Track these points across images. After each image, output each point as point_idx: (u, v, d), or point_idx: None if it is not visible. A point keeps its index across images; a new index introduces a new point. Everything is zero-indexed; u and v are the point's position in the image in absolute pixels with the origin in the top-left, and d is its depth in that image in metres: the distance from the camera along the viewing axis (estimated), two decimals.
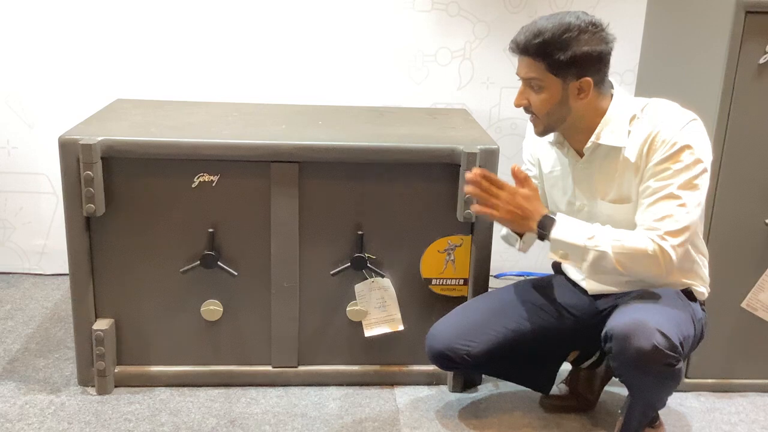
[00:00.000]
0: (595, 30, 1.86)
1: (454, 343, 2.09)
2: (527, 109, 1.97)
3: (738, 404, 2.40)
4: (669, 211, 1.85)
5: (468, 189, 1.95)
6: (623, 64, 2.76)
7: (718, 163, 2.20)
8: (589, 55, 1.86)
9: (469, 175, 1.94)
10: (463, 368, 2.26)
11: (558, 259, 1.96)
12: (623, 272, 1.89)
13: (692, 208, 1.86)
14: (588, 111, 1.95)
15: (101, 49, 2.92)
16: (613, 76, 2.00)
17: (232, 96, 2.93)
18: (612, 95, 1.98)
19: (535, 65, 1.88)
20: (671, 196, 1.86)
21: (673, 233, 1.85)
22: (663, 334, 1.81)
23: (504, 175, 2.27)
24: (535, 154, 2.18)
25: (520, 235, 2.09)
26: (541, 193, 2.16)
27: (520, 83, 1.97)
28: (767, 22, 2.11)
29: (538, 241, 2.20)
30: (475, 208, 1.96)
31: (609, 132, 1.95)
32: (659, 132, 1.89)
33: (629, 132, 1.94)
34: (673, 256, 1.86)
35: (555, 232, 1.92)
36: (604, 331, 1.91)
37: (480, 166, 2.21)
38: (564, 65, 1.86)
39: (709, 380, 2.44)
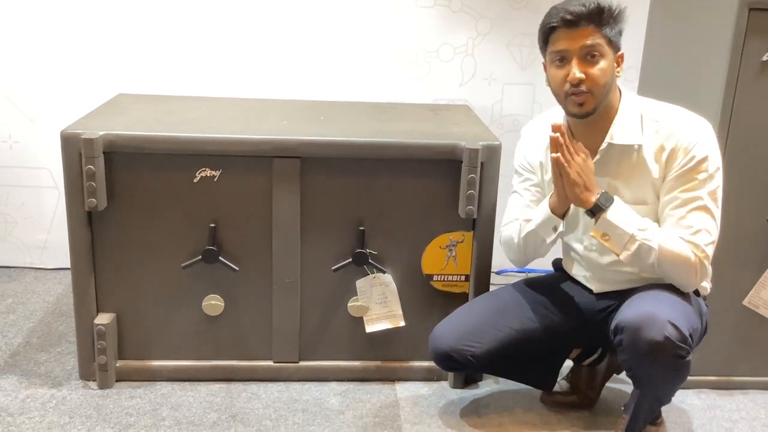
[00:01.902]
0: (624, 10, 1.93)
1: (459, 345, 2.09)
2: (577, 86, 1.90)
3: (739, 402, 2.40)
4: (702, 225, 1.91)
5: (553, 136, 1.90)
6: (626, 61, 2.74)
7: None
8: (622, 32, 1.94)
9: (556, 126, 1.90)
10: (467, 369, 2.27)
11: (598, 240, 1.94)
12: (657, 270, 1.92)
13: (718, 221, 1.94)
14: (612, 93, 1.96)
15: (103, 43, 2.92)
16: (620, 76, 2.00)
17: (234, 91, 2.93)
18: (620, 90, 2.00)
19: (598, 32, 1.89)
20: (702, 209, 1.91)
21: (708, 245, 1.93)
22: (674, 326, 1.82)
23: (505, 173, 2.28)
24: (535, 161, 2.14)
25: (562, 218, 2.03)
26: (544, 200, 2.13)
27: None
28: None
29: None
30: (558, 158, 1.90)
31: (621, 131, 1.96)
32: (680, 139, 1.92)
33: (642, 131, 1.95)
34: (708, 270, 1.97)
35: (611, 213, 1.92)
36: (614, 324, 1.91)
37: (482, 163, 2.22)
38: (616, 35, 1.92)
39: (711, 377, 2.44)
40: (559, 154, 1.90)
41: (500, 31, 2.98)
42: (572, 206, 2.02)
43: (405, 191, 2.29)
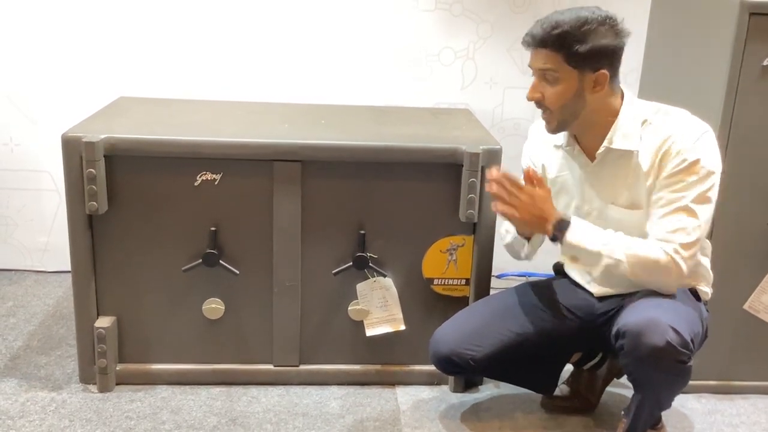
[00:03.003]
0: (612, 23, 1.89)
1: (459, 348, 2.09)
2: (540, 104, 1.96)
3: (739, 406, 2.40)
4: (682, 224, 1.88)
5: (491, 188, 1.95)
6: (626, 65, 2.72)
7: (721, 165, 2.20)
8: (606, 48, 1.88)
9: (491, 174, 1.95)
10: (467, 373, 2.27)
11: (568, 262, 1.97)
12: (633, 280, 1.93)
13: (704, 222, 1.90)
14: (602, 106, 1.96)
15: (105, 46, 2.93)
16: (602, 93, 1.99)
17: (235, 94, 2.93)
18: (623, 95, 1.99)
19: (553, 56, 1.88)
20: (685, 209, 1.89)
21: (686, 246, 1.88)
22: (676, 331, 1.81)
23: None
24: (539, 161, 2.16)
25: (528, 240, 2.09)
26: None
27: (529, 80, 1.97)
28: None
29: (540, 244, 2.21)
30: (498, 207, 1.95)
31: (621, 136, 1.96)
32: (674, 143, 1.90)
33: (641, 137, 1.95)
34: (684, 269, 1.90)
35: (570, 236, 1.94)
36: (615, 329, 1.91)
37: (483, 167, 2.22)
38: (582, 57, 1.87)
39: (711, 382, 2.43)
40: (499, 204, 1.94)
41: (501, 35, 2.98)
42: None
43: (406, 195, 2.29)
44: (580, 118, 1.96)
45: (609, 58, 1.90)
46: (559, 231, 1.94)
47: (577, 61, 1.88)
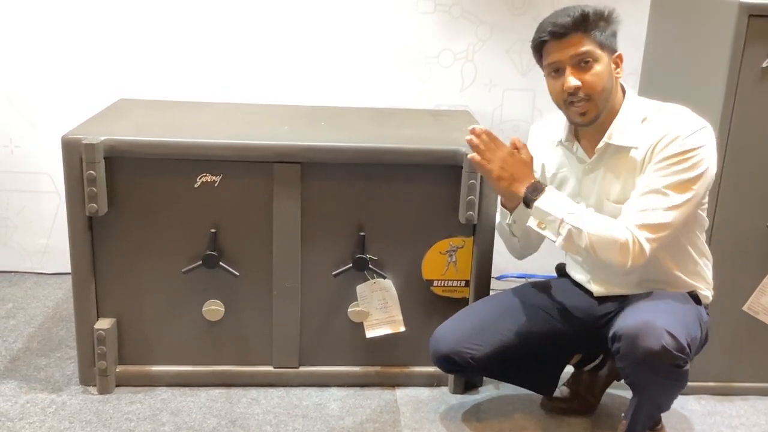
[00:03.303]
0: (612, 11, 1.95)
1: (459, 347, 2.09)
2: (576, 94, 1.92)
3: (739, 407, 2.40)
4: (653, 205, 1.88)
5: (468, 139, 1.99)
6: (626, 66, 2.75)
7: (720, 167, 2.20)
8: (616, 31, 1.95)
9: (473, 129, 1.99)
10: (467, 372, 2.27)
11: (535, 228, 1.97)
12: (594, 255, 1.92)
13: (678, 208, 1.88)
14: (614, 95, 1.98)
15: (104, 48, 2.93)
16: (621, 77, 2.01)
17: (234, 96, 2.94)
18: (624, 91, 2.02)
19: (588, 39, 1.90)
20: (659, 192, 1.89)
21: (651, 227, 1.88)
22: (671, 335, 1.81)
23: None
24: (538, 161, 2.15)
25: (510, 212, 2.09)
26: None
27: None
28: None
29: (541, 245, 2.22)
30: (473, 158, 1.99)
31: (620, 132, 1.97)
32: (666, 135, 1.91)
33: (640, 133, 1.96)
34: (646, 249, 1.88)
35: (540, 201, 1.95)
36: (612, 332, 1.91)
37: None
38: (606, 38, 1.92)
39: (710, 383, 2.44)
40: (474, 154, 1.98)
41: (500, 37, 2.99)
42: None
43: (405, 197, 2.29)
44: (605, 106, 1.97)
45: (616, 42, 1.96)
46: (531, 194, 1.96)
47: (603, 41, 1.92)
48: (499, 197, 2.12)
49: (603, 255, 1.92)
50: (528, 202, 1.97)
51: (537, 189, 1.97)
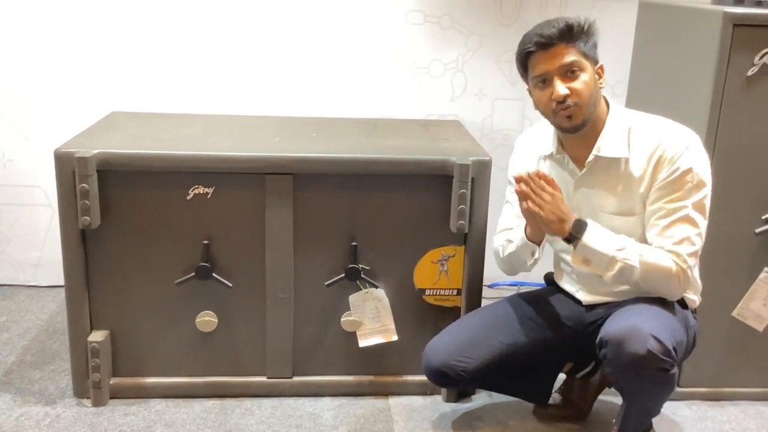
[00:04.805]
0: (593, 23, 1.98)
1: (450, 361, 2.10)
2: (564, 102, 1.94)
3: (729, 413, 2.42)
4: (685, 234, 1.94)
5: (520, 188, 1.96)
6: (613, 76, 2.78)
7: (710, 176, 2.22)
8: (597, 44, 1.99)
9: (520, 176, 1.97)
10: (460, 384, 2.28)
11: (579, 266, 1.98)
12: (643, 286, 1.96)
13: (703, 231, 1.97)
14: (599, 105, 2.00)
15: (97, 61, 2.94)
16: (604, 87, 2.03)
17: (226, 108, 2.95)
18: (607, 103, 2.04)
19: (573, 49, 1.93)
20: (686, 219, 1.94)
21: (691, 255, 1.95)
22: (657, 339, 1.83)
23: (496, 188, 2.30)
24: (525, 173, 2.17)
25: (538, 244, 2.08)
26: None
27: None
28: (755, 35, 2.14)
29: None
30: (529, 208, 1.96)
31: (608, 145, 2.00)
32: (665, 150, 1.95)
33: (628, 144, 1.98)
34: (690, 277, 1.97)
35: (587, 238, 1.95)
36: (598, 338, 1.93)
37: (473, 178, 2.24)
38: (589, 48, 1.96)
39: (701, 389, 2.45)
40: (528, 203, 1.95)
41: (490, 48, 3.01)
42: None
43: (397, 206, 2.30)
44: (592, 115, 1.99)
45: (597, 54, 1.99)
46: (576, 232, 1.96)
47: (587, 52, 1.95)
48: (524, 228, 2.08)
49: (654, 286, 1.97)
50: (573, 240, 1.97)
51: (582, 226, 1.96)
